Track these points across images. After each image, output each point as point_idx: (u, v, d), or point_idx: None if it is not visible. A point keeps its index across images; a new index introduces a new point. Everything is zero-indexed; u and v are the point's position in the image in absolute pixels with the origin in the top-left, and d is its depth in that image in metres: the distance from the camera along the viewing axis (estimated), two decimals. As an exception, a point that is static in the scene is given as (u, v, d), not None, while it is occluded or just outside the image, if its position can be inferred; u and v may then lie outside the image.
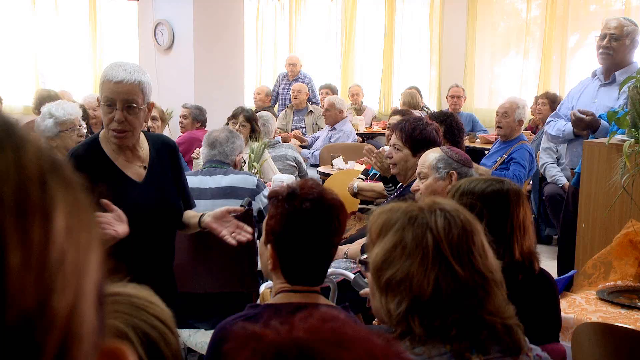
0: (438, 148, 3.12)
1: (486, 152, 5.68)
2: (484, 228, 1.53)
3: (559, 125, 4.41)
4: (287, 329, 0.63)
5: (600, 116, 3.99)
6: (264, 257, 1.96)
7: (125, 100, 2.47)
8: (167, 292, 2.51)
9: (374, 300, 1.52)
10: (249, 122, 5.39)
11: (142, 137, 2.67)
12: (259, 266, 3.86)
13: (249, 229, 2.64)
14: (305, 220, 1.87)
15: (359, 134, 8.06)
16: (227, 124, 5.52)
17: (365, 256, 1.58)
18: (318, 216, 1.87)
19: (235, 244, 2.59)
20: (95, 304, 0.48)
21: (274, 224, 1.88)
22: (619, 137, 3.43)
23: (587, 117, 3.96)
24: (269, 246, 1.91)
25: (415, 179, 3.17)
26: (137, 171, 2.63)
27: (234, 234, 2.60)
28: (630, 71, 4.19)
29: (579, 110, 4.02)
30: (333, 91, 9.10)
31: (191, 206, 2.84)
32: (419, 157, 3.16)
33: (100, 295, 0.49)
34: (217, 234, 2.61)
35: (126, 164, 2.61)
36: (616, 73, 4.22)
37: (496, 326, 1.44)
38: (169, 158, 2.74)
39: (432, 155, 3.04)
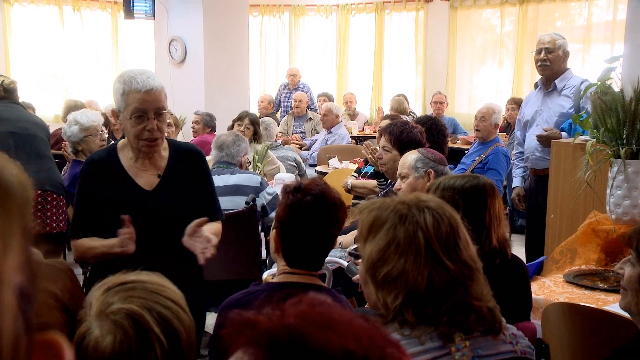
0: (416, 150, 3.07)
1: (466, 152, 5.66)
2: (461, 217, 1.50)
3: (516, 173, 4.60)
4: (279, 315, 0.62)
5: (562, 128, 4.10)
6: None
7: (156, 109, 2.23)
8: (194, 281, 2.44)
9: (367, 289, 1.49)
10: (253, 125, 5.39)
11: (165, 144, 2.39)
12: (263, 255, 3.88)
13: (215, 241, 2.25)
14: (306, 211, 1.88)
15: (352, 137, 8.04)
16: (232, 125, 5.49)
17: (354, 246, 1.57)
18: (317, 210, 1.88)
19: (203, 263, 2.23)
20: (18, 307, 0.41)
21: (280, 212, 1.91)
22: (582, 137, 3.44)
23: (546, 133, 4.10)
24: (274, 230, 1.93)
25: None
26: (149, 180, 2.36)
27: (205, 249, 2.22)
28: (567, 77, 4.27)
29: (543, 129, 4.16)
30: (329, 98, 9.08)
31: (218, 218, 2.47)
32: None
33: (24, 294, 0.41)
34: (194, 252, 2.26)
35: (140, 172, 2.35)
36: (555, 81, 4.29)
37: (482, 310, 1.42)
38: (191, 166, 2.43)
39: (411, 157, 3.01)
